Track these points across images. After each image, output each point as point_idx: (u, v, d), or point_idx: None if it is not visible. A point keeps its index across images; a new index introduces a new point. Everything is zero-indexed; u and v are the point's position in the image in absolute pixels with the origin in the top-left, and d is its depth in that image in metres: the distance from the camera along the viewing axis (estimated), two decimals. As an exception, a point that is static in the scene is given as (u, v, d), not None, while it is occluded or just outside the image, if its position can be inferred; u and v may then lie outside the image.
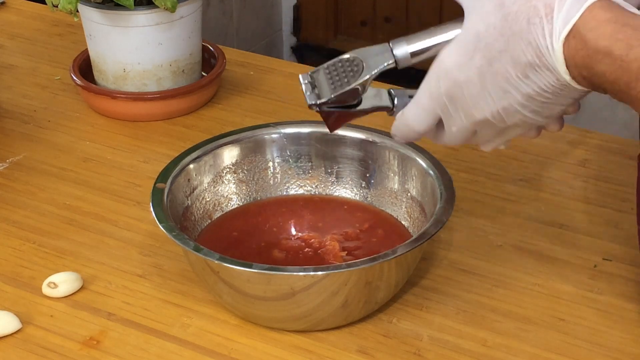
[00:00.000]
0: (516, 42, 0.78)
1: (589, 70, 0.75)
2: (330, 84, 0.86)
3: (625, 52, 0.73)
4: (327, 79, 0.86)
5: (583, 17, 0.75)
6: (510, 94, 0.80)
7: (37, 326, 0.93)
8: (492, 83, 0.80)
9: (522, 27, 0.77)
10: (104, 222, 1.07)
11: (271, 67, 1.39)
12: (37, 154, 1.20)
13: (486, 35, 0.79)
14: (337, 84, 0.86)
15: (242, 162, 1.05)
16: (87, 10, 1.25)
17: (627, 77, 0.73)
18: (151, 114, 1.27)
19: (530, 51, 0.77)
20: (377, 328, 0.93)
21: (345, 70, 0.86)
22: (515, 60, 0.78)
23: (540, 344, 0.91)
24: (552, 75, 0.78)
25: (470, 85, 0.81)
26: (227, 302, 0.93)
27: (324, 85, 0.86)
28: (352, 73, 0.85)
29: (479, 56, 0.80)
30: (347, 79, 0.85)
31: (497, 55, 0.79)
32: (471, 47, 0.80)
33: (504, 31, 0.78)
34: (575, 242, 1.04)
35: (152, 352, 0.90)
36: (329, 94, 0.86)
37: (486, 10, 0.79)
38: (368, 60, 0.86)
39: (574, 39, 0.75)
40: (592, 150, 1.19)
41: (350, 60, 0.86)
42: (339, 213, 1.03)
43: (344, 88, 0.85)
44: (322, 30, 3.10)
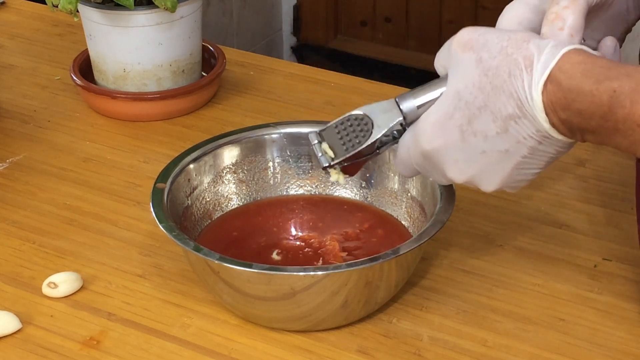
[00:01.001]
0: (497, 96, 0.79)
1: (567, 111, 0.77)
2: (341, 144, 0.88)
3: (595, 86, 0.75)
4: (337, 138, 0.88)
5: (559, 62, 0.77)
6: (487, 155, 0.82)
7: (37, 326, 0.93)
8: (470, 144, 0.82)
9: (503, 80, 0.79)
10: (104, 222, 1.07)
11: (271, 67, 1.39)
12: (37, 154, 1.20)
13: (466, 93, 0.81)
14: (348, 144, 0.87)
15: (242, 162, 1.05)
16: (87, 10, 1.25)
17: (601, 111, 0.75)
18: (151, 114, 1.27)
19: (511, 103, 0.79)
20: (377, 328, 0.93)
21: (355, 129, 0.87)
22: (495, 115, 0.80)
23: (540, 344, 0.91)
24: (531, 126, 0.79)
25: (447, 148, 0.83)
26: (227, 302, 0.93)
27: (335, 144, 0.88)
28: (363, 133, 0.87)
29: (458, 115, 0.82)
30: (359, 138, 0.87)
31: (476, 113, 0.81)
32: (451, 107, 0.82)
33: (484, 86, 0.80)
34: (575, 242, 1.04)
35: (152, 352, 0.90)
36: (342, 153, 0.88)
37: (464, 67, 0.81)
38: (377, 118, 0.87)
39: (550, 84, 0.77)
40: (592, 150, 1.19)
41: (359, 118, 0.87)
42: (339, 213, 1.03)
43: (355, 148, 0.87)
44: (322, 30, 3.10)
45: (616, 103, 0.75)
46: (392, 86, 1.33)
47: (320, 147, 0.89)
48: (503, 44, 0.80)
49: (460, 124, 0.82)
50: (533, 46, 0.79)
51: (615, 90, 0.74)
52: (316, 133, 0.89)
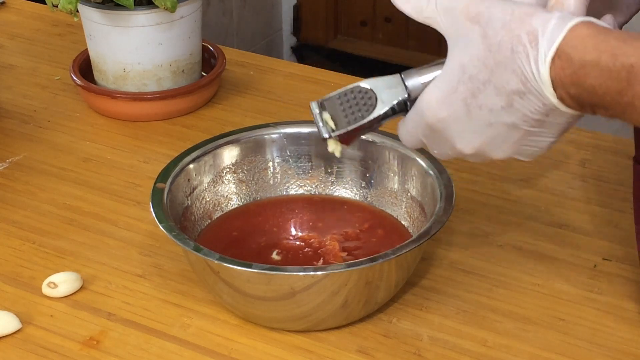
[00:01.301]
0: (500, 72, 0.78)
1: (578, 87, 0.76)
2: (343, 115, 0.86)
3: (611, 61, 0.74)
4: (340, 109, 0.87)
5: (566, 37, 0.76)
6: (493, 127, 0.81)
7: (37, 326, 0.93)
8: (476, 116, 0.81)
9: (506, 56, 0.78)
10: (104, 222, 1.07)
11: (271, 67, 1.39)
12: (37, 154, 1.20)
13: (470, 67, 0.80)
14: (351, 116, 0.86)
15: (242, 162, 1.05)
16: (87, 10, 1.25)
17: (617, 86, 0.74)
18: (151, 114, 1.27)
19: (514, 79, 0.78)
20: (377, 328, 0.93)
21: (359, 102, 0.86)
22: (499, 90, 0.79)
23: (541, 344, 0.91)
24: (537, 101, 0.78)
25: (453, 120, 0.82)
26: (227, 302, 0.93)
27: (337, 115, 0.87)
28: (366, 107, 0.86)
29: (462, 88, 0.81)
30: (362, 112, 0.86)
31: (481, 87, 0.80)
32: (455, 80, 0.81)
33: (488, 62, 0.79)
34: (575, 242, 1.04)
35: (152, 352, 0.90)
36: (344, 125, 0.86)
37: (470, 41, 0.80)
38: (381, 93, 0.86)
39: (559, 59, 0.76)
40: (592, 150, 1.19)
41: (363, 91, 0.86)
42: (338, 213, 1.03)
43: (358, 122, 0.86)
44: (322, 30, 3.10)
45: (634, 79, 0.73)
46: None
47: (321, 117, 0.87)
48: (507, 18, 0.78)
49: (464, 97, 0.81)
50: (537, 20, 0.77)
51: (633, 65, 0.73)
52: (318, 102, 0.88)
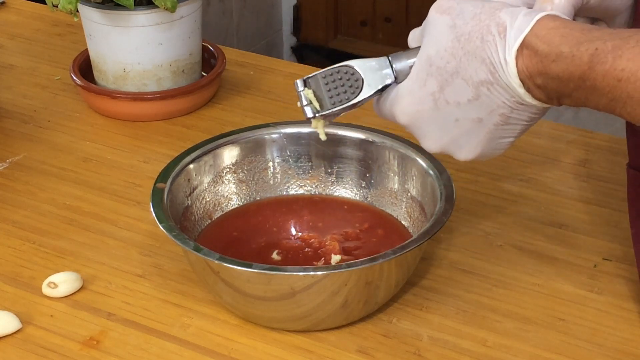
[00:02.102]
0: (469, 62, 0.80)
1: (544, 77, 0.77)
2: (329, 96, 0.86)
3: (575, 48, 0.75)
4: (325, 89, 0.86)
5: (534, 28, 0.77)
6: (460, 123, 0.82)
7: (37, 326, 0.93)
8: (443, 112, 0.82)
9: (476, 45, 0.79)
10: (104, 222, 1.07)
11: (271, 67, 1.39)
12: (37, 154, 1.20)
13: (437, 59, 0.81)
14: (336, 97, 0.85)
15: (242, 162, 1.05)
16: (87, 10, 1.25)
17: (579, 71, 0.75)
18: (151, 114, 1.27)
19: (483, 69, 0.79)
20: (377, 328, 0.93)
21: (345, 83, 0.85)
22: (467, 81, 0.80)
23: (540, 344, 0.91)
24: (505, 92, 0.79)
25: (421, 117, 0.83)
26: (227, 302, 0.93)
27: (322, 94, 0.86)
28: (352, 89, 0.85)
29: (431, 81, 0.82)
30: (347, 94, 0.85)
31: (448, 79, 0.81)
32: (423, 73, 0.82)
33: (456, 52, 0.80)
34: (575, 242, 1.04)
35: (152, 352, 0.90)
36: (329, 106, 0.86)
37: (438, 32, 0.81)
38: (368, 75, 0.85)
39: (526, 49, 0.77)
40: (592, 150, 1.19)
41: (350, 72, 0.85)
42: (339, 213, 1.03)
43: (343, 104, 0.85)
44: (322, 30, 3.10)
45: (596, 60, 0.74)
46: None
47: (305, 96, 0.87)
48: (477, 11, 0.80)
49: (433, 91, 0.82)
50: (505, 14, 0.79)
51: (597, 48, 0.74)
52: (302, 80, 0.87)
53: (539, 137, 1.21)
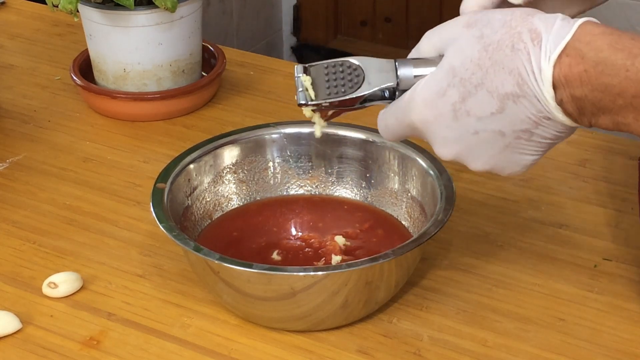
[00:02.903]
0: (495, 73, 0.75)
1: (587, 87, 0.73)
2: (326, 87, 0.84)
3: (630, 61, 0.71)
4: (324, 79, 0.84)
5: (576, 34, 0.73)
6: (478, 135, 0.78)
7: (37, 326, 0.93)
8: (462, 123, 0.78)
9: (505, 54, 0.75)
10: (104, 222, 1.07)
11: (271, 67, 1.39)
12: (37, 154, 1.20)
13: (462, 70, 0.77)
14: (333, 89, 0.83)
15: (242, 162, 1.05)
16: (87, 10, 1.25)
17: (636, 88, 0.71)
18: (151, 114, 1.27)
19: (510, 81, 0.75)
20: (377, 328, 0.93)
21: (345, 77, 0.83)
22: (492, 93, 0.76)
23: (541, 344, 0.91)
24: (531, 106, 0.75)
25: (438, 124, 0.79)
26: (227, 302, 0.93)
27: (320, 84, 0.84)
28: (351, 83, 0.83)
29: (451, 92, 0.78)
30: (345, 88, 0.83)
31: (472, 91, 0.77)
32: (444, 84, 0.78)
33: (483, 62, 0.76)
34: (575, 242, 1.04)
35: (152, 352, 0.90)
36: (323, 97, 0.83)
37: (464, 43, 0.77)
38: (370, 74, 0.83)
39: (567, 56, 0.73)
40: (592, 150, 1.19)
41: (353, 67, 0.83)
42: (339, 213, 1.03)
43: (339, 96, 0.83)
44: (322, 30, 3.10)
45: None
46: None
47: (302, 82, 0.84)
48: (507, 18, 0.76)
49: (453, 101, 0.77)
50: (539, 20, 0.75)
51: None
52: (303, 66, 0.84)
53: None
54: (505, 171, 0.81)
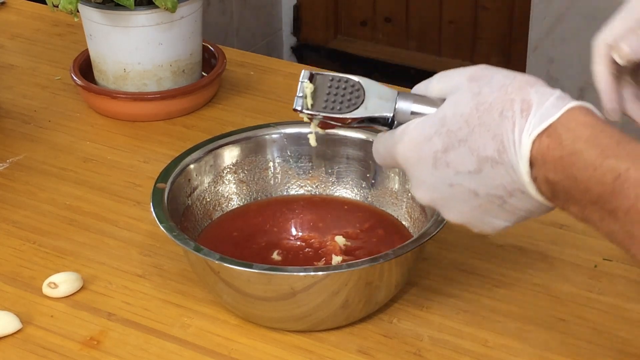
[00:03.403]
0: (480, 134, 0.75)
1: (561, 174, 0.72)
2: (324, 99, 0.84)
3: (599, 160, 0.70)
4: (325, 91, 0.84)
5: (562, 117, 0.73)
6: (454, 188, 0.78)
7: (37, 326, 0.93)
8: (440, 172, 0.78)
9: (493, 118, 0.75)
10: (104, 222, 1.07)
11: (271, 67, 1.39)
12: (37, 154, 1.20)
13: (451, 122, 0.77)
14: (330, 103, 0.84)
15: (242, 162, 1.05)
16: (87, 10, 1.25)
17: (601, 189, 0.70)
18: (151, 114, 1.27)
19: (492, 145, 0.75)
20: (377, 328, 0.93)
21: (346, 94, 0.84)
22: (472, 152, 0.76)
23: (541, 344, 0.91)
24: (507, 176, 0.75)
25: (418, 167, 0.80)
26: (228, 302, 0.93)
27: (320, 95, 0.84)
28: (349, 103, 0.83)
29: (437, 140, 0.78)
30: (342, 106, 0.84)
31: (455, 144, 0.77)
32: (432, 130, 0.78)
33: (471, 120, 0.76)
34: (576, 242, 1.04)
35: (152, 352, 0.90)
36: (319, 108, 0.84)
37: (460, 96, 0.77)
38: (370, 99, 0.83)
39: (548, 137, 0.72)
40: (592, 151, 1.18)
41: (355, 87, 0.84)
42: (339, 213, 1.03)
43: (333, 112, 0.84)
44: (322, 30, 3.10)
45: (620, 190, 0.69)
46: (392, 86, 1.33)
47: (303, 88, 0.85)
48: (506, 82, 0.76)
49: (436, 149, 0.78)
50: (535, 92, 0.74)
51: (620, 174, 0.69)
52: (310, 73, 0.85)
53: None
54: (475, 229, 0.81)
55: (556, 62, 2.42)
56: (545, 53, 2.42)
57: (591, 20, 2.23)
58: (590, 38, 0.89)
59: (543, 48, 2.41)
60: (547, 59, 2.42)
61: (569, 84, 2.36)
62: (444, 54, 2.92)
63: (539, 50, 2.42)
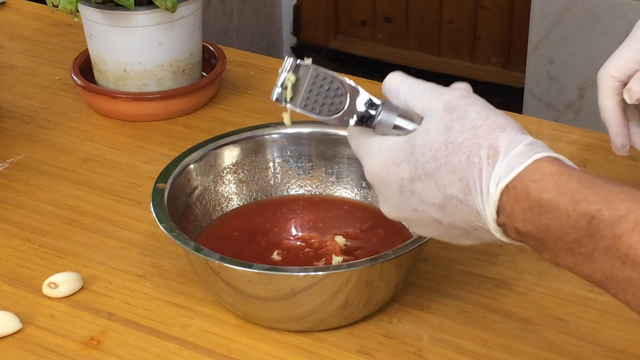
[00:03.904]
0: (446, 173, 0.74)
1: (530, 224, 0.71)
2: (305, 96, 0.81)
3: (571, 207, 0.69)
4: (307, 87, 0.81)
5: (528, 168, 0.71)
6: (418, 213, 0.78)
7: (37, 326, 0.93)
8: (405, 197, 0.77)
9: (459, 161, 0.73)
10: (105, 222, 1.07)
11: (271, 67, 1.39)
12: (38, 154, 1.20)
13: (420, 153, 0.76)
14: (309, 101, 0.81)
15: (242, 162, 1.05)
16: (88, 10, 1.25)
17: (575, 234, 0.69)
18: (151, 114, 1.27)
19: (458, 186, 0.74)
20: (377, 328, 0.93)
21: (328, 95, 0.81)
22: (438, 188, 0.75)
23: (541, 345, 0.91)
24: (472, 216, 0.74)
25: (385, 187, 0.79)
26: (228, 302, 0.93)
27: (300, 88, 0.81)
28: (328, 107, 0.81)
29: (404, 168, 0.77)
30: (323, 107, 0.81)
31: (422, 177, 0.76)
32: (402, 156, 0.77)
33: (439, 157, 0.74)
34: (576, 242, 1.03)
35: (153, 352, 0.90)
36: (298, 104, 0.81)
37: (433, 126, 0.76)
38: (354, 103, 0.81)
39: (514, 188, 0.71)
40: (592, 150, 1.19)
41: (340, 91, 0.81)
42: (339, 213, 1.03)
43: (312, 112, 0.81)
44: (322, 30, 3.11)
45: (596, 232, 0.68)
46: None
47: (285, 78, 0.80)
48: (478, 123, 0.74)
49: (402, 177, 0.77)
50: (505, 137, 0.72)
51: (594, 217, 0.68)
52: (295, 62, 0.81)
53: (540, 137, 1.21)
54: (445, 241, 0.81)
55: (556, 62, 2.42)
56: (545, 53, 2.42)
57: (591, 20, 2.23)
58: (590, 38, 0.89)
59: (543, 48, 2.41)
60: (547, 59, 2.42)
61: (569, 84, 2.36)
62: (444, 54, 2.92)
63: (539, 50, 2.42)
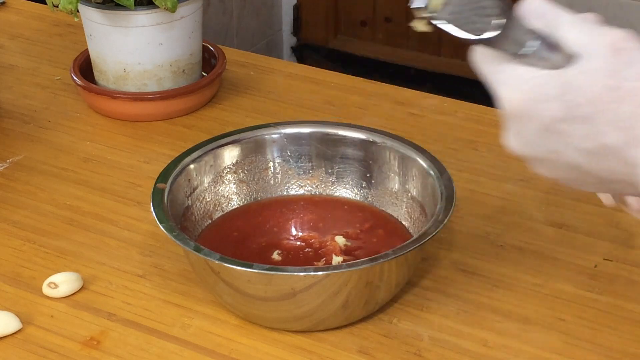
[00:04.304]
0: (607, 120, 0.66)
1: None
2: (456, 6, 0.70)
3: None
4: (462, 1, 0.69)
5: None
6: (556, 154, 0.70)
7: (37, 326, 0.93)
8: (548, 137, 0.69)
9: (625, 109, 0.65)
10: (105, 222, 1.07)
11: (271, 67, 1.39)
12: (38, 154, 1.20)
13: (577, 93, 0.67)
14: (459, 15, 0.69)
15: (242, 162, 1.05)
16: (88, 10, 1.25)
17: None
18: (151, 114, 1.27)
19: (618, 136, 0.66)
20: (377, 328, 0.93)
21: (478, 12, 0.69)
22: (593, 134, 0.67)
23: (541, 344, 0.91)
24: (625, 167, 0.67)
25: (523, 121, 0.70)
26: (228, 302, 0.93)
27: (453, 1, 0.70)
28: (478, 22, 0.69)
29: (554, 105, 0.68)
30: (468, 24, 0.69)
31: (575, 119, 0.67)
32: (552, 93, 0.68)
33: (600, 101, 0.66)
34: (576, 242, 1.04)
35: (153, 352, 0.90)
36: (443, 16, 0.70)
37: (594, 66, 0.67)
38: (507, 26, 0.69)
39: None
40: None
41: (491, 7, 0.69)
42: (339, 213, 1.03)
43: (459, 27, 0.69)
44: (322, 30, 3.10)
45: None
46: (392, 86, 1.33)
47: None
48: None
49: (553, 115, 0.67)
50: None
51: None
52: None
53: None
54: (573, 187, 0.73)
55: (556, 62, 2.41)
56: (545, 53, 2.41)
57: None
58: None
59: (543, 48, 2.41)
60: (547, 59, 2.42)
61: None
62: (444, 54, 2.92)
63: (539, 50, 2.42)
